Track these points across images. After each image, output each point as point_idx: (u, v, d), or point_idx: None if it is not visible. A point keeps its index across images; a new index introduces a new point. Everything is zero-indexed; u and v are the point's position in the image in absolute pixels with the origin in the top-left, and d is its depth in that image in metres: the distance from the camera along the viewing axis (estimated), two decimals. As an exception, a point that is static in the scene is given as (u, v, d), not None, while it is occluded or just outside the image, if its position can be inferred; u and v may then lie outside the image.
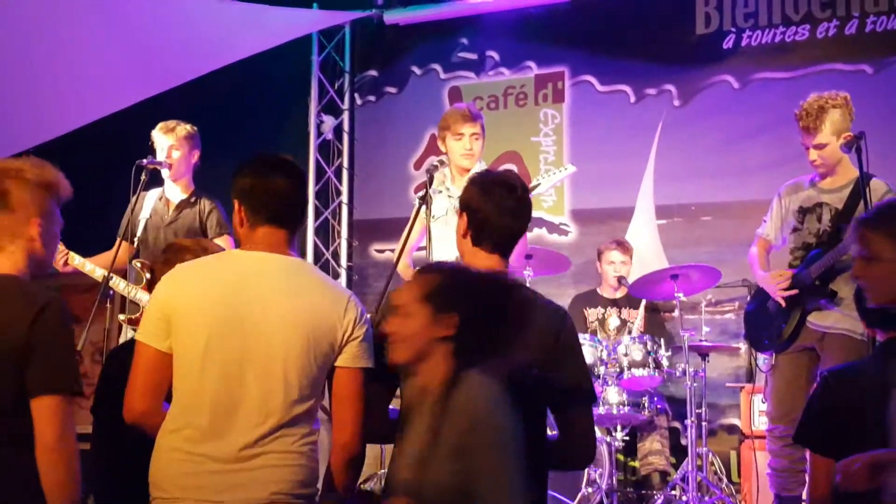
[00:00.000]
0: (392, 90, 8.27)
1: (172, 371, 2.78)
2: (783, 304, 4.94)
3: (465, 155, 5.20)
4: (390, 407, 3.07)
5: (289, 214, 2.92)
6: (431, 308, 2.64)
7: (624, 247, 6.81)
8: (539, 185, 5.33)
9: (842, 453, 3.13)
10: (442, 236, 5.06)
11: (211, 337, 2.71)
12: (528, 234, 5.35)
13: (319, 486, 2.93)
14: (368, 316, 2.96)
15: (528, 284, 5.50)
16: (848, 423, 3.12)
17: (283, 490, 2.71)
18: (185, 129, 5.47)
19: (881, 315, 3.21)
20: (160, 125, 5.47)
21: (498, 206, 3.02)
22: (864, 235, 2.90)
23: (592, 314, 6.69)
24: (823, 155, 4.88)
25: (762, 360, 5.87)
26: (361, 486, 3.67)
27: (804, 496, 4.77)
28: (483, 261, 3.05)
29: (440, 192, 5.22)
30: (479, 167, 5.21)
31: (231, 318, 2.72)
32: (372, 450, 5.19)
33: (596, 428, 5.82)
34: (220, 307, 2.75)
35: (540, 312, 2.97)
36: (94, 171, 6.64)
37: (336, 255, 8.33)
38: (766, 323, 5.12)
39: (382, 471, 5.60)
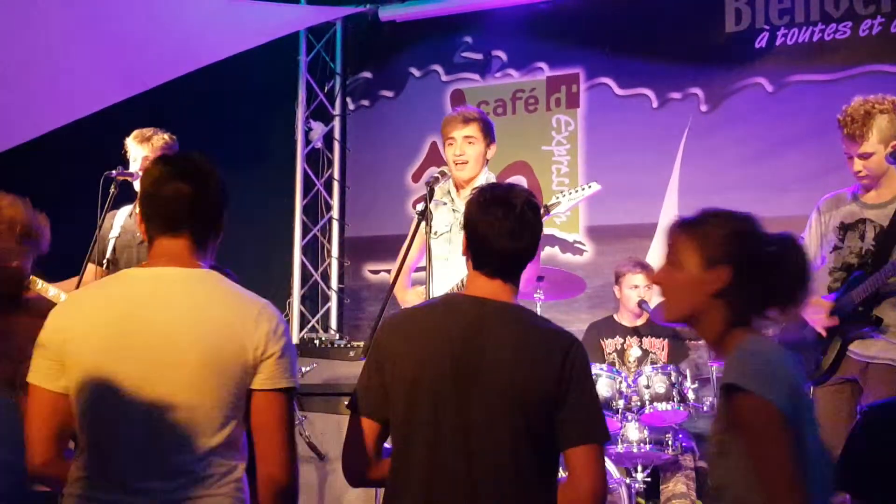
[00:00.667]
0: (388, 94, 8.31)
1: (72, 414, 2.72)
2: (824, 334, 4.93)
3: (455, 162, 5.17)
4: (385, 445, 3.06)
5: (185, 220, 2.79)
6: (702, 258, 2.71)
7: (648, 270, 6.77)
8: (559, 203, 5.29)
9: (888, 500, 3.16)
10: (444, 254, 5.06)
11: (104, 370, 2.65)
12: (541, 254, 5.37)
13: None
14: (286, 326, 2.86)
15: (538, 309, 5.53)
16: (894, 464, 3.15)
17: None
18: (162, 138, 5.45)
19: None
20: (135, 133, 5.46)
21: (494, 226, 3.00)
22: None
23: (610, 345, 6.66)
24: (869, 165, 4.85)
25: (800, 394, 5.89)
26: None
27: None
28: (484, 285, 3.04)
29: (444, 203, 5.21)
30: (485, 177, 5.22)
31: (124, 349, 2.66)
32: (365, 492, 5.18)
33: (614, 468, 5.83)
34: (111, 338, 2.68)
35: (547, 336, 3.00)
36: (61, 183, 6.68)
37: (326, 277, 8.36)
38: (804, 353, 5.07)
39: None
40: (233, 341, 2.71)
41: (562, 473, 3.17)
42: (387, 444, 3.02)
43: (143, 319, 2.68)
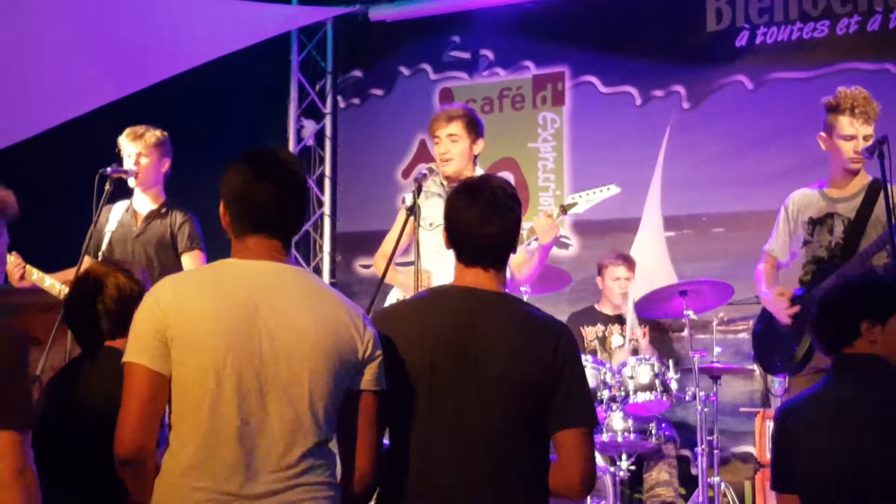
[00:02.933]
0: (378, 92, 8.32)
1: (170, 399, 2.63)
2: (789, 323, 4.99)
3: (441, 159, 5.20)
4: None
5: (278, 223, 2.80)
6: None
7: (630, 262, 6.84)
8: (576, 203, 5.30)
9: (805, 489, 3.28)
10: (435, 247, 5.04)
11: (227, 359, 2.57)
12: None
13: None
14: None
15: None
16: (791, 454, 3.32)
17: None
18: (154, 135, 5.47)
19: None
20: (127, 131, 5.47)
21: (463, 213, 3.01)
22: None
23: (591, 332, 6.71)
24: (860, 147, 4.85)
25: (777, 383, 5.92)
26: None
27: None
28: (468, 275, 3.04)
29: (439, 195, 5.22)
30: (474, 172, 5.19)
31: (246, 337, 2.60)
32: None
33: (599, 456, 5.86)
34: (234, 324, 2.61)
35: (537, 324, 3.01)
36: (57, 181, 6.70)
37: (318, 271, 8.35)
38: (777, 344, 5.16)
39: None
40: (350, 339, 2.72)
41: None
42: (385, 440, 2.99)
43: (263, 310, 2.62)
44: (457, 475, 2.84)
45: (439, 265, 5.01)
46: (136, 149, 5.39)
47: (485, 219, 2.97)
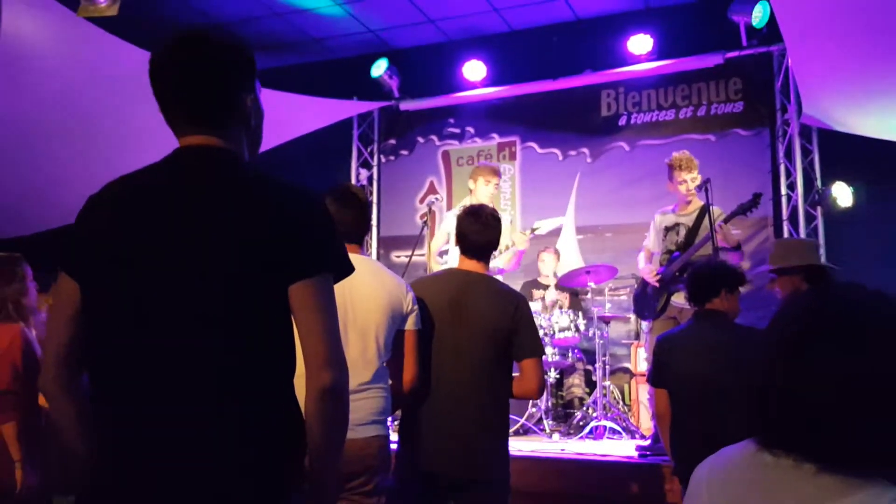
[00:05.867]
0: (405, 152, 8.28)
1: None
2: (657, 286, 5.02)
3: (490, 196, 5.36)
4: None
5: (356, 235, 2.73)
6: None
7: (556, 253, 6.90)
8: (539, 227, 5.46)
9: (670, 385, 3.32)
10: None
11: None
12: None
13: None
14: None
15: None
16: (667, 365, 3.30)
17: (376, 415, 2.56)
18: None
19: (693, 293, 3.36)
20: None
21: (469, 227, 2.96)
22: None
23: (537, 294, 6.70)
24: (691, 187, 4.95)
25: (644, 325, 6.00)
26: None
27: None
28: (467, 263, 2.99)
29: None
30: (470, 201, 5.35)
31: (340, 297, 2.39)
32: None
33: None
34: (343, 294, 2.35)
35: (505, 292, 2.97)
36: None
37: None
38: (646, 302, 5.18)
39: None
40: (398, 298, 2.65)
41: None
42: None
43: (350, 280, 2.38)
44: (456, 383, 2.81)
45: (453, 254, 5.14)
46: None
47: (481, 232, 2.95)
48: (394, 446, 2.71)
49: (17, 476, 3.15)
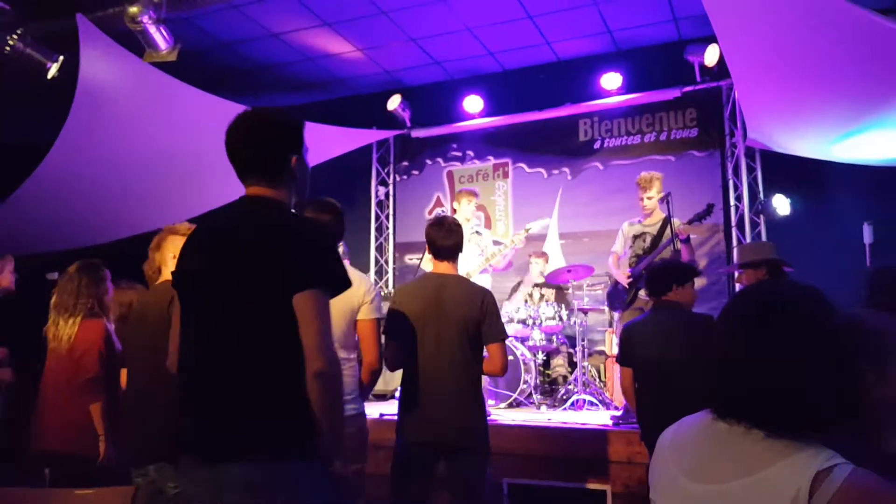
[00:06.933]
0: (416, 172, 8.26)
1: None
2: (626, 285, 5.03)
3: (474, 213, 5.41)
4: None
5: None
6: None
7: (544, 256, 6.89)
8: (531, 228, 5.42)
9: (634, 364, 3.31)
10: (467, 250, 4.84)
11: None
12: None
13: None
14: (376, 290, 2.72)
15: (490, 275, 5.59)
16: (631, 347, 3.35)
17: (350, 391, 2.61)
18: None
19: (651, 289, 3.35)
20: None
21: (436, 234, 2.90)
22: None
23: (525, 291, 6.68)
24: (651, 202, 4.97)
25: (615, 315, 5.99)
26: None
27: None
28: (439, 266, 2.92)
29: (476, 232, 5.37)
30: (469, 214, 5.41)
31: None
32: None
33: (527, 352, 5.84)
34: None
35: (473, 289, 2.91)
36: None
37: (387, 262, 8.28)
38: (617, 296, 5.17)
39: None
40: (356, 295, 2.61)
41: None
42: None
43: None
44: (436, 367, 2.78)
45: (468, 260, 5.05)
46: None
47: (446, 237, 2.90)
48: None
49: (101, 448, 3.17)
